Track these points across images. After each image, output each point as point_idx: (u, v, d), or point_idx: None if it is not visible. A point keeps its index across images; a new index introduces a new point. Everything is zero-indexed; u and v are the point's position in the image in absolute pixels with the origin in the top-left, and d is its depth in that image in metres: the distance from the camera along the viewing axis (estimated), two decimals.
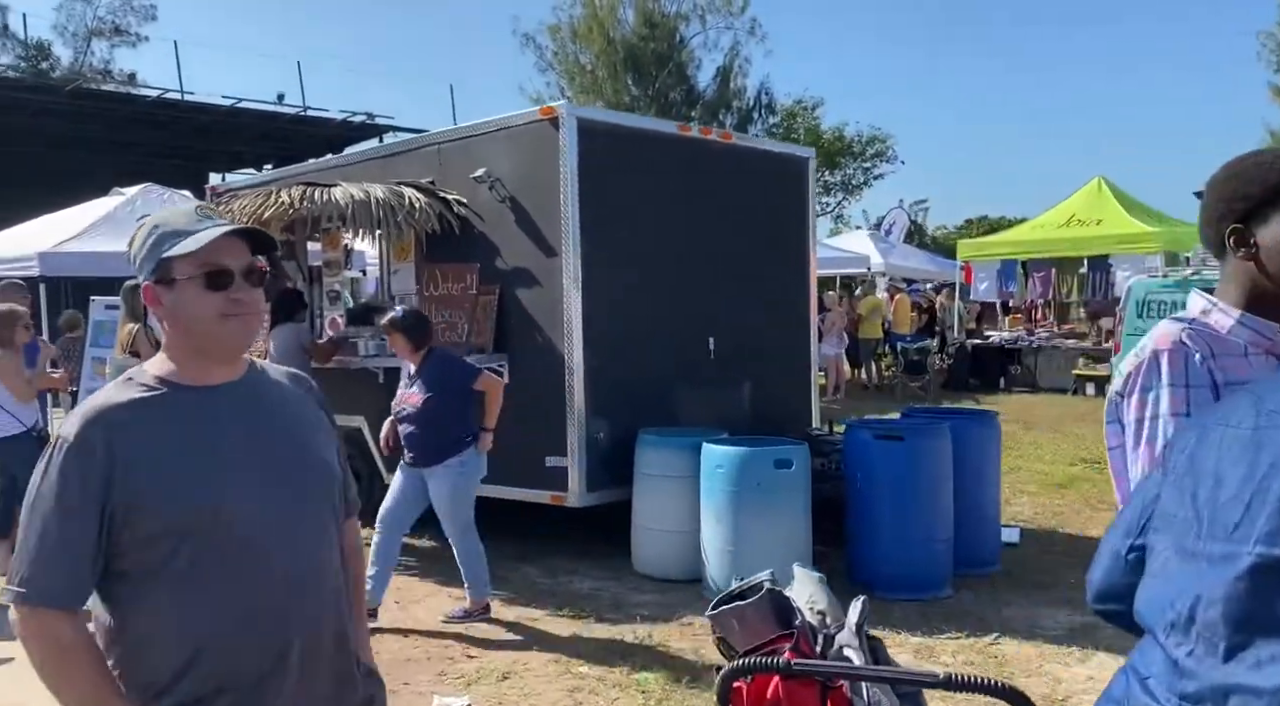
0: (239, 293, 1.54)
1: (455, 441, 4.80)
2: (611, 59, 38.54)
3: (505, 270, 6.08)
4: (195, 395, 1.56)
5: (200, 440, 1.53)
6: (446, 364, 4.93)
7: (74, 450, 1.46)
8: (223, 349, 1.57)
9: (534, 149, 5.85)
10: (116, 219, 9.96)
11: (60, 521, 1.43)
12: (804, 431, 6.45)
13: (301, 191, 5.92)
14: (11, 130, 20.24)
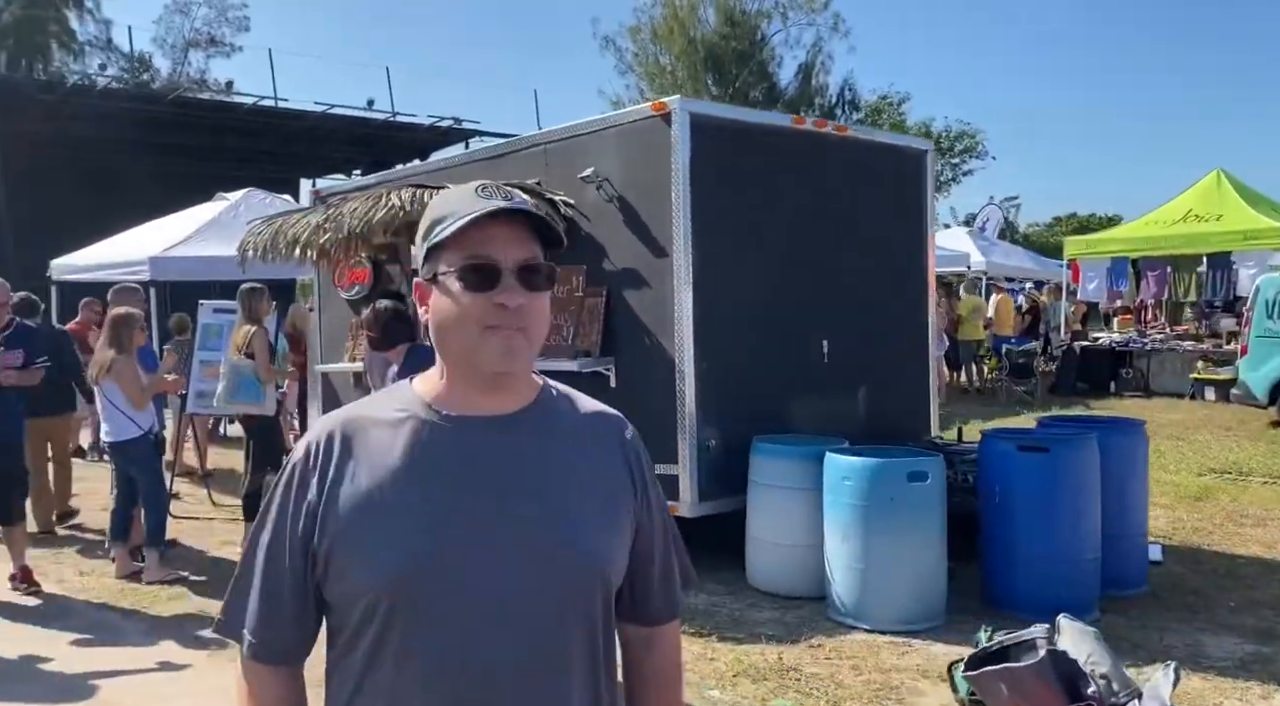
0: (505, 295, 1.19)
1: None
2: (692, 59, 38.39)
3: (613, 271, 5.89)
4: (450, 428, 1.24)
5: (431, 486, 1.20)
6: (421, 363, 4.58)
7: (294, 472, 1.24)
8: (477, 372, 1.23)
9: (645, 146, 5.64)
10: (221, 223, 10.11)
11: (276, 558, 1.24)
12: (929, 440, 6.12)
13: (411, 194, 5.82)
14: (118, 139, 20.96)
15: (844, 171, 6.23)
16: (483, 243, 1.21)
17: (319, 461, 1.23)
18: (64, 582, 5.70)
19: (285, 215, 6.86)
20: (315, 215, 6.34)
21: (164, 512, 5.82)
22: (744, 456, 5.45)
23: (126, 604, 5.24)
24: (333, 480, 1.21)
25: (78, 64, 32.40)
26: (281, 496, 1.24)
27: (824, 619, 4.81)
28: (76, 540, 6.81)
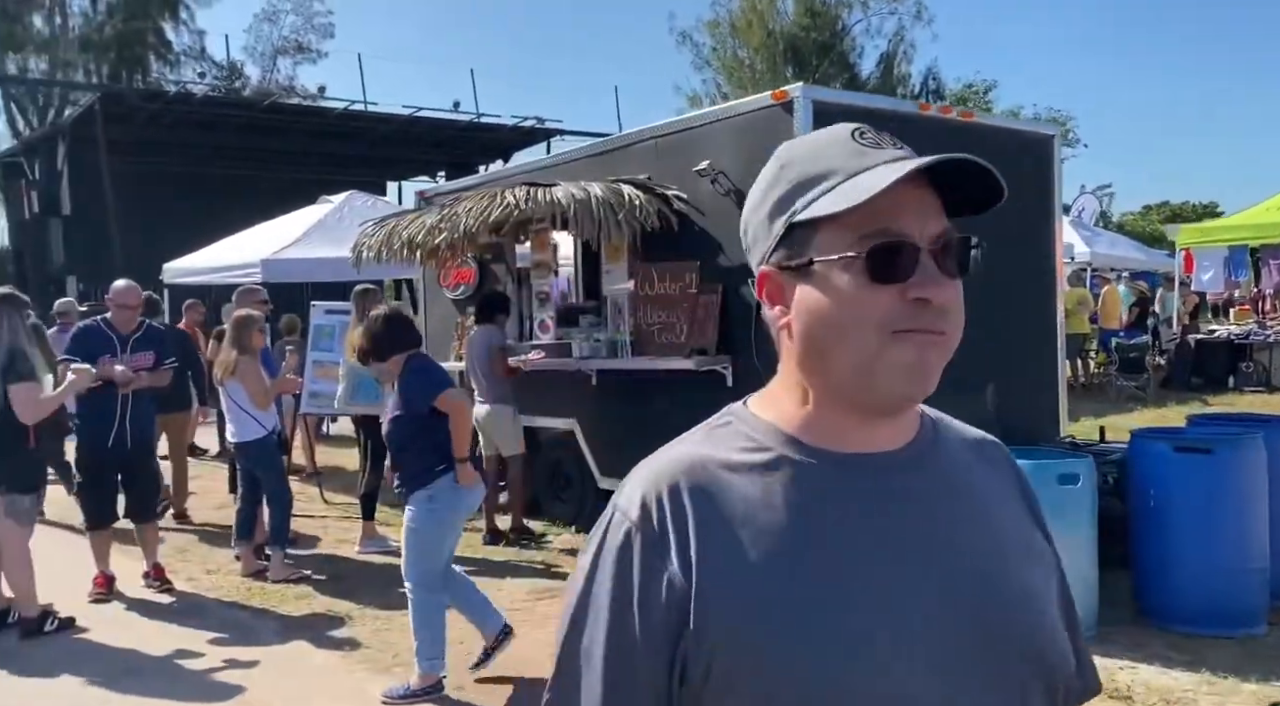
0: (926, 286, 0.87)
1: (425, 470, 4.00)
2: (771, 51, 37.97)
3: (729, 268, 5.75)
4: (838, 474, 0.90)
5: (850, 563, 0.86)
6: (416, 376, 4.10)
7: (630, 544, 0.88)
8: (871, 395, 0.89)
9: (764, 137, 5.48)
10: (327, 225, 10.28)
11: (624, 669, 0.86)
12: (1066, 440, 5.83)
13: (526, 192, 5.78)
14: (215, 145, 21.64)
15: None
16: (891, 213, 0.86)
17: (671, 528, 0.87)
18: (193, 580, 5.81)
19: (398, 216, 6.90)
20: (429, 215, 6.35)
21: (288, 511, 5.88)
22: None
23: (256, 603, 5.29)
24: (700, 555, 0.85)
25: (174, 74, 33.53)
26: (614, 580, 0.87)
27: None
28: (195, 533, 6.95)
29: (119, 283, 5.68)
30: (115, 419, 5.33)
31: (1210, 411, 9.25)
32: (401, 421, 4.03)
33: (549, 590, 5.32)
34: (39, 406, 4.70)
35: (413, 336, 4.34)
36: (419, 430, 3.99)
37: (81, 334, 5.50)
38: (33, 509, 4.76)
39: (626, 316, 6.57)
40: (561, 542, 6.49)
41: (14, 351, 4.66)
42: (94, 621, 5.06)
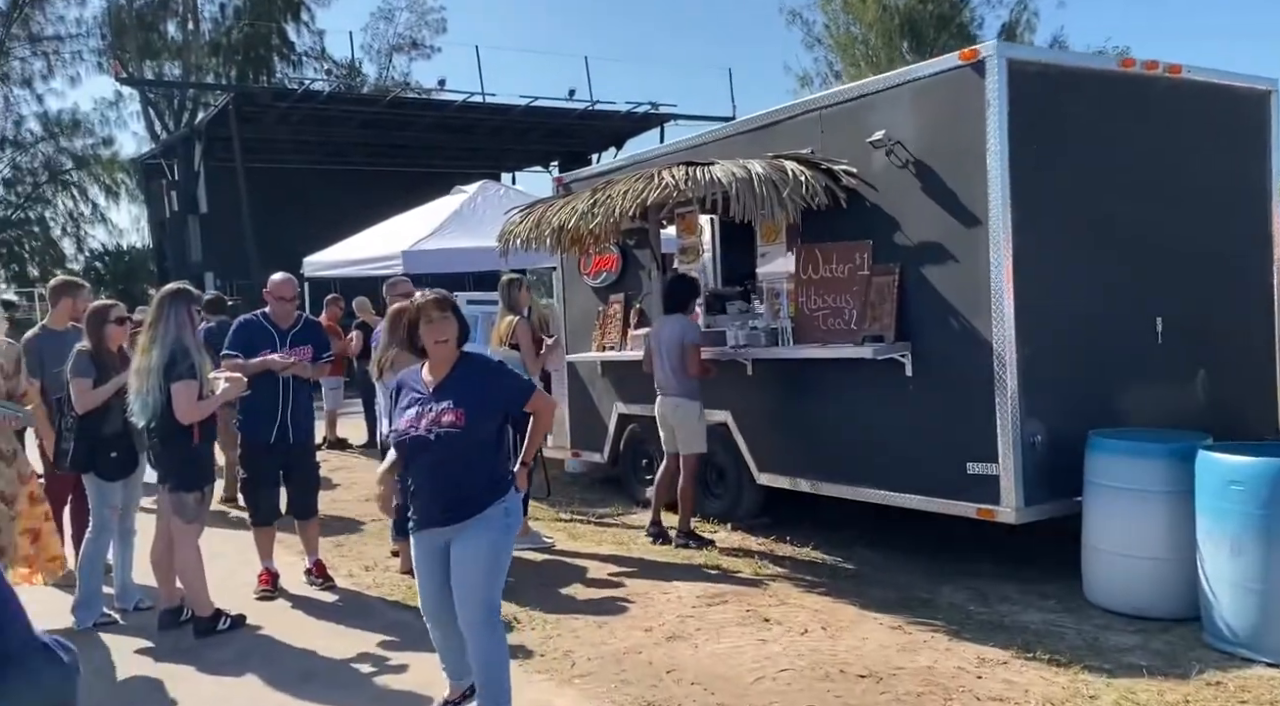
0: None
1: (500, 480, 3.37)
2: (886, 26, 36.78)
3: (907, 246, 5.30)
4: None
5: None
6: (491, 371, 3.45)
7: None
8: None
9: (950, 102, 5.02)
10: (463, 215, 10.21)
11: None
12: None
13: (685, 172, 5.45)
14: (340, 142, 22.12)
15: (1176, 120, 5.36)
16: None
17: None
18: (353, 577, 5.72)
19: (545, 202, 6.67)
20: (579, 200, 6.09)
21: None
22: (1073, 453, 4.76)
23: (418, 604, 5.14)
24: None
25: (296, 74, 34.54)
26: None
27: (1201, 647, 4.08)
28: (346, 527, 6.91)
29: (276, 275, 5.61)
30: (277, 414, 5.26)
31: None
32: (480, 422, 3.37)
33: (720, 595, 5.00)
34: (197, 407, 4.63)
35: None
36: (496, 432, 3.40)
37: (242, 327, 5.45)
38: (199, 507, 4.71)
39: (785, 301, 6.19)
40: (721, 540, 6.16)
41: (176, 349, 4.59)
42: (262, 619, 4.99)
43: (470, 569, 3.26)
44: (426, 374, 3.37)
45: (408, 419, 3.28)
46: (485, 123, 22.76)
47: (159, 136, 30.01)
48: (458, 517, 3.26)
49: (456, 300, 7.76)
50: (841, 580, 5.24)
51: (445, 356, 3.34)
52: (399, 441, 3.31)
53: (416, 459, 3.28)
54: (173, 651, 4.62)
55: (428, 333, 3.31)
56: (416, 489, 3.32)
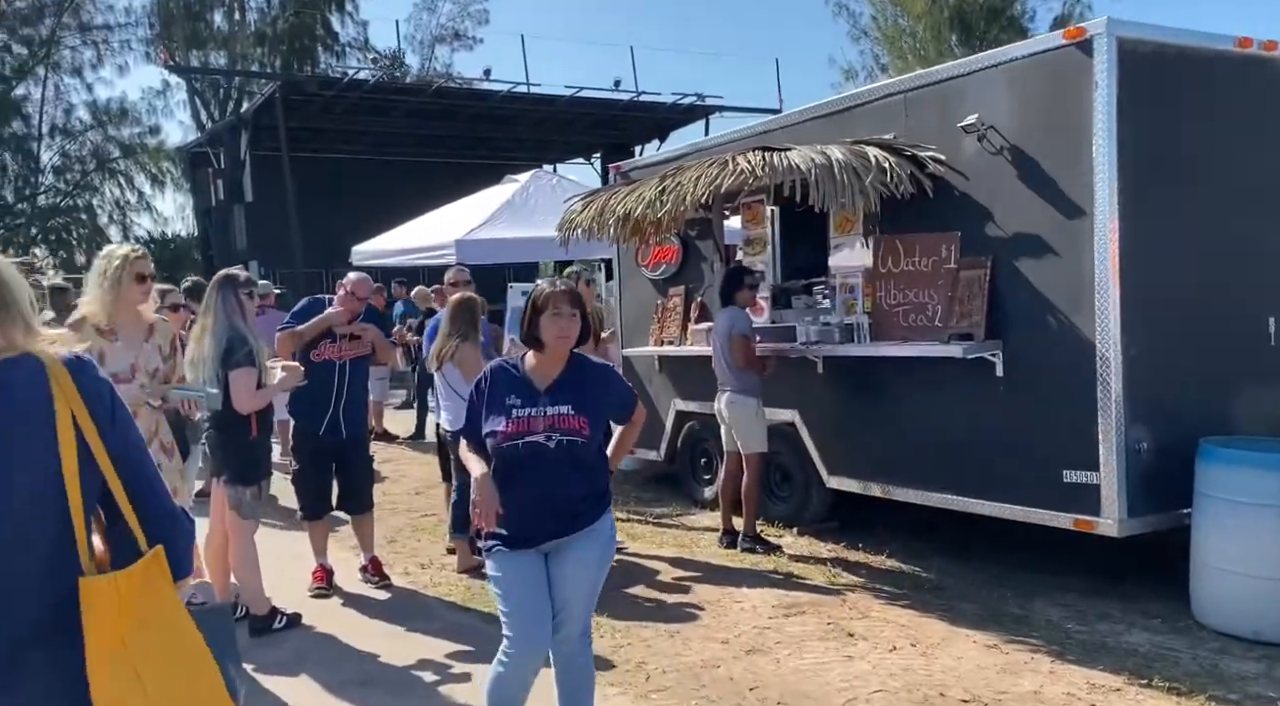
0: None
1: (607, 490, 3.07)
2: (935, 19, 36.14)
3: (1000, 238, 4.98)
4: None
5: None
6: (605, 375, 3.13)
7: None
8: None
9: (1051, 83, 4.69)
10: (515, 205, 10.00)
11: None
12: None
13: (761, 158, 5.17)
14: (384, 132, 22.04)
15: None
16: None
17: None
18: (409, 575, 5.52)
19: (609, 190, 6.42)
20: (646, 188, 5.83)
21: None
22: (1180, 462, 4.43)
23: (480, 606, 4.92)
24: None
25: (339, 64, 34.60)
26: None
27: None
28: (399, 521, 6.72)
29: (353, 274, 5.43)
30: (330, 405, 5.07)
31: None
32: (596, 429, 3.06)
33: (796, 606, 4.73)
34: (256, 396, 4.44)
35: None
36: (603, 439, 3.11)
37: (312, 305, 5.25)
38: (256, 502, 4.52)
39: (860, 296, 5.88)
40: (787, 546, 5.88)
41: (232, 336, 4.40)
42: (317, 617, 4.80)
43: (578, 584, 2.95)
44: (532, 370, 2.97)
45: (517, 421, 2.87)
46: (529, 114, 22.55)
47: (204, 126, 30.16)
48: (570, 529, 2.92)
49: (511, 290, 7.55)
50: (924, 593, 4.94)
51: (562, 355, 2.98)
52: (508, 446, 2.85)
53: (527, 466, 2.86)
54: None
55: (553, 327, 2.90)
56: (519, 498, 2.86)
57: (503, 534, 2.92)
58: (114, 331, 3.88)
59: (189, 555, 1.58)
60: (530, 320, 2.97)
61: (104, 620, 1.35)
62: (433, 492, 8.04)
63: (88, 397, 1.45)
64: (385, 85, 21.99)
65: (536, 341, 2.96)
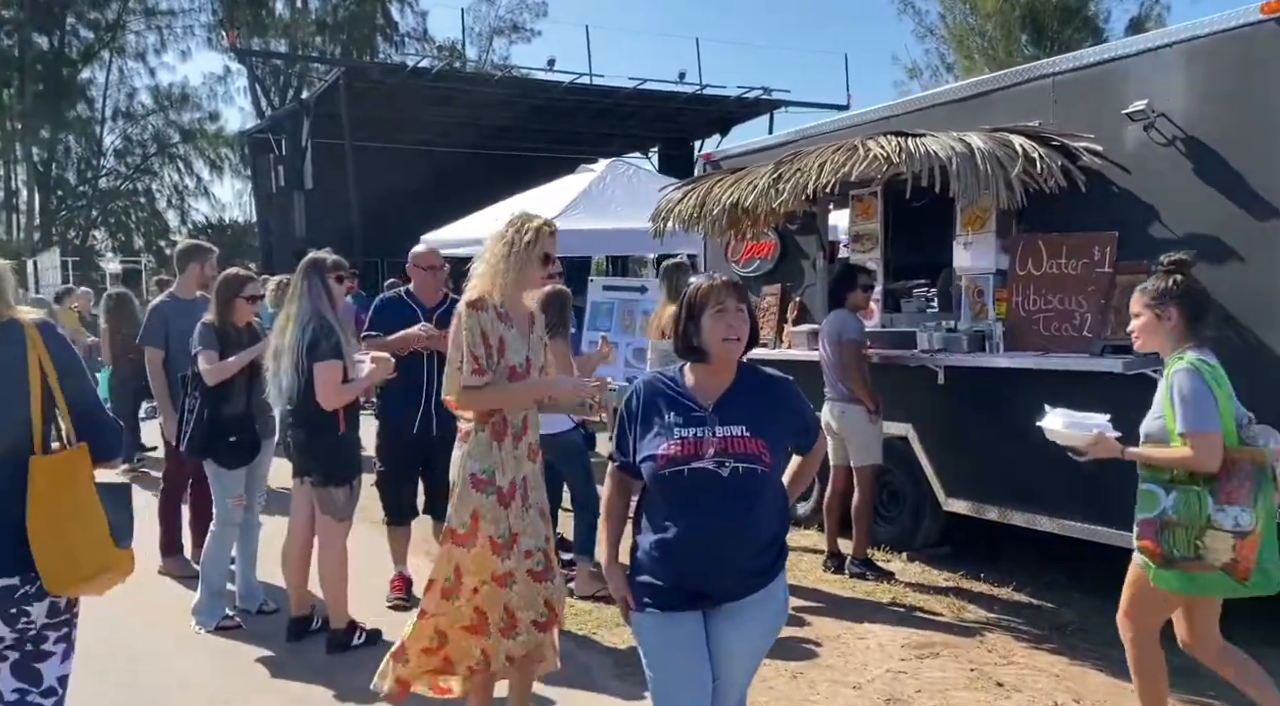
0: None
1: (784, 536, 2.52)
2: (1006, 17, 35.17)
3: (1168, 240, 4.41)
4: None
5: None
6: (785, 391, 2.56)
7: None
8: None
9: (1240, 65, 4.13)
10: (591, 196, 9.55)
11: None
12: None
13: (897, 144, 4.66)
14: (446, 122, 21.78)
15: None
16: None
17: None
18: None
19: (711, 178, 5.95)
20: (755, 175, 5.34)
21: (597, 518, 5.07)
22: None
23: (571, 626, 4.50)
24: None
25: (398, 54, 34.54)
26: None
27: None
28: None
29: (418, 247, 5.03)
30: (420, 403, 4.67)
31: None
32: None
33: (928, 645, 4.23)
34: (342, 391, 4.04)
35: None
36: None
37: (385, 306, 4.88)
38: (348, 503, 4.13)
39: (991, 301, 5.35)
40: (898, 572, 5.37)
41: (318, 326, 4.01)
42: (397, 632, 4.38)
43: (745, 661, 2.44)
44: (694, 383, 2.46)
45: (681, 442, 2.34)
46: (590, 106, 22.15)
47: (264, 112, 30.23)
48: (748, 590, 2.36)
49: (592, 284, 7.12)
50: (1069, 635, 4.41)
51: (730, 363, 2.45)
52: (670, 472, 2.33)
53: (697, 500, 2.32)
54: (304, 668, 4.06)
55: (718, 327, 2.38)
56: (684, 544, 2.33)
57: (654, 584, 2.39)
58: (509, 317, 3.17)
59: (111, 447, 2.27)
60: (685, 325, 2.45)
61: (39, 484, 2.10)
62: None
63: (50, 350, 2.18)
64: (449, 74, 21.69)
65: (697, 351, 2.44)
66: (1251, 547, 2.82)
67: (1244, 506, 2.84)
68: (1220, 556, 2.83)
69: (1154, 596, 3.06)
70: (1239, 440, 2.95)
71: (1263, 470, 2.89)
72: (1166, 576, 2.94)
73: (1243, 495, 2.86)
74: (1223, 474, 2.87)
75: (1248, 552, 2.82)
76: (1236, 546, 2.82)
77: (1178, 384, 2.97)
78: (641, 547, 2.45)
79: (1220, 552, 2.83)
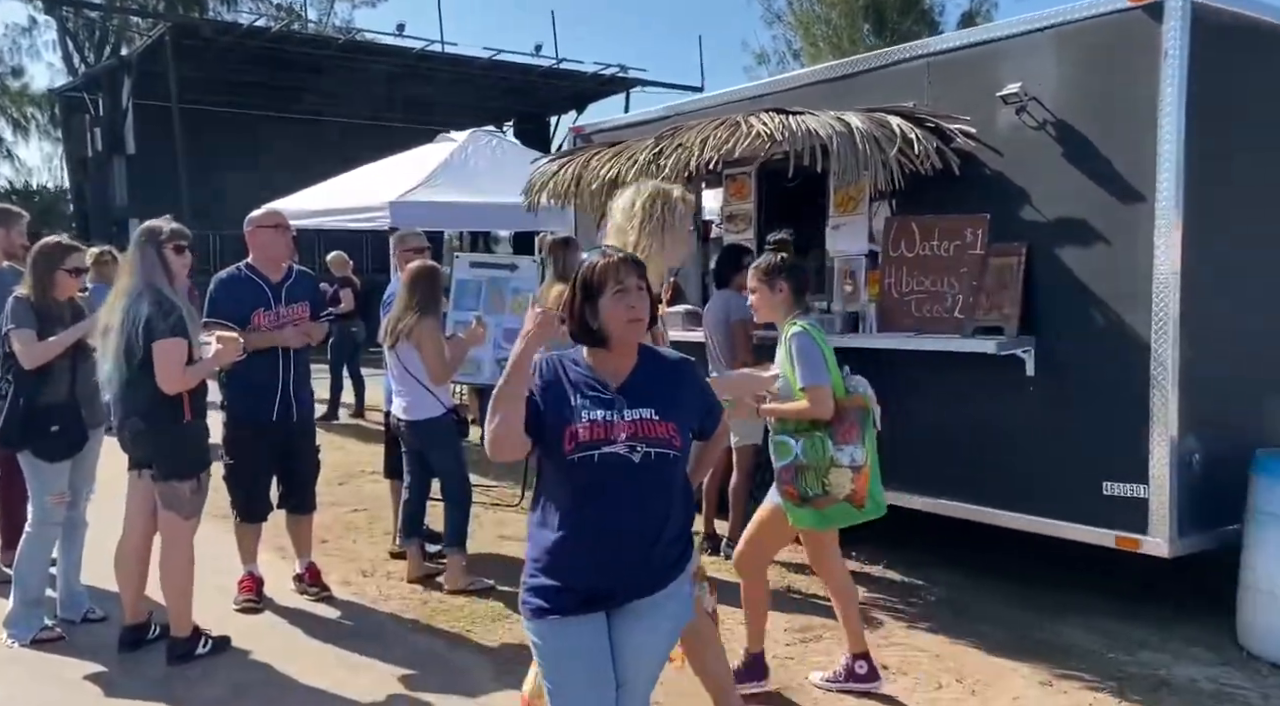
0: None
1: (690, 526, 2.35)
2: (850, 6, 36.30)
3: (1039, 222, 4.52)
4: None
5: None
6: (687, 372, 2.40)
7: None
8: None
9: (1110, 51, 4.23)
10: (453, 166, 9.09)
11: None
12: None
13: (779, 121, 4.56)
14: (285, 86, 20.52)
15: None
16: None
17: None
18: (351, 585, 4.76)
19: (588, 151, 5.70)
20: (637, 150, 5.15)
21: (469, 506, 4.80)
22: (1230, 476, 4.07)
23: (442, 623, 4.23)
24: None
25: (230, 14, 32.39)
26: None
27: None
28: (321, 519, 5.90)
29: (256, 211, 4.58)
30: (278, 388, 4.25)
31: None
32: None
33: (810, 629, 4.22)
34: (187, 373, 3.62)
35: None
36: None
37: (225, 286, 4.36)
38: (196, 498, 3.71)
39: (864, 282, 5.37)
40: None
41: (156, 301, 3.58)
42: (251, 640, 4.01)
43: (651, 659, 2.26)
44: (595, 364, 2.27)
45: (590, 425, 2.15)
46: (441, 74, 21.44)
47: (76, 69, 27.70)
48: (659, 583, 2.19)
49: (458, 260, 6.75)
50: (944, 613, 4.47)
51: (633, 343, 2.27)
52: (579, 458, 2.12)
53: (605, 488, 2.13)
54: (141, 683, 3.62)
55: (619, 308, 2.19)
56: (592, 536, 2.15)
57: (554, 587, 2.18)
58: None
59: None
60: (581, 307, 2.23)
61: None
62: (357, 483, 7.25)
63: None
64: (288, 35, 20.41)
65: (594, 334, 2.23)
66: (865, 479, 3.35)
67: (856, 444, 3.34)
68: (843, 490, 3.32)
69: (779, 536, 3.55)
70: (845, 390, 3.42)
71: (866, 413, 3.40)
72: (802, 514, 3.37)
73: (854, 435, 3.34)
74: (836, 419, 3.33)
75: (863, 483, 3.35)
76: (854, 479, 3.32)
77: (795, 346, 3.37)
78: (540, 546, 2.22)
79: (843, 486, 3.32)
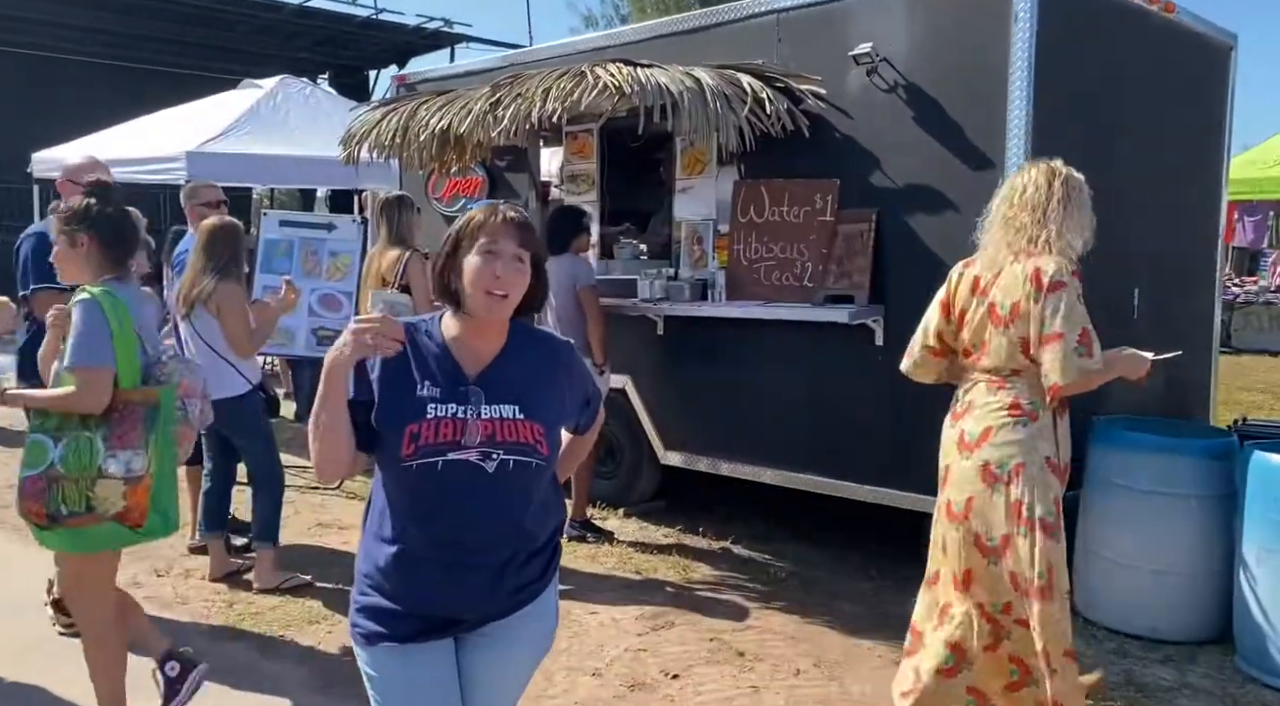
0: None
1: (558, 544, 1.99)
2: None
3: (889, 189, 4.41)
4: None
5: None
6: (564, 357, 1.98)
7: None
8: None
9: (962, 14, 4.13)
10: (262, 116, 8.18)
11: None
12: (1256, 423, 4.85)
13: (629, 72, 4.21)
14: (70, 25, 18.36)
15: (1158, 68, 4.81)
16: None
17: None
18: (140, 586, 4.13)
19: (412, 100, 5.16)
20: (471, 99, 4.68)
21: (281, 493, 4.26)
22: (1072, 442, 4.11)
23: (252, 627, 3.72)
24: None
25: None
26: None
27: (1248, 681, 3.54)
28: None
29: (73, 159, 3.86)
30: None
31: None
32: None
33: (662, 615, 3.96)
34: None
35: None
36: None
37: (44, 245, 3.54)
38: None
39: (712, 248, 5.15)
40: (616, 530, 5.10)
41: None
42: (8, 665, 3.37)
43: (504, 694, 1.93)
44: (454, 337, 1.84)
45: (437, 423, 1.74)
46: (249, 20, 19.74)
47: None
48: (511, 607, 1.85)
49: (266, 218, 6.08)
50: (795, 590, 4.34)
51: (501, 321, 1.85)
52: (419, 465, 1.73)
53: (449, 500, 1.76)
54: None
55: (482, 272, 1.76)
56: (432, 554, 1.77)
57: (390, 609, 1.80)
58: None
59: None
60: (444, 261, 1.82)
61: None
62: None
63: None
64: None
65: (451, 295, 1.82)
66: (144, 493, 2.64)
67: (136, 450, 2.64)
68: (112, 506, 2.61)
69: (96, 568, 2.80)
70: (145, 379, 2.73)
71: (156, 410, 2.69)
72: (50, 536, 2.68)
73: (134, 438, 2.65)
74: (115, 416, 2.63)
75: (140, 498, 2.63)
76: (127, 493, 2.61)
77: (75, 317, 2.64)
78: (372, 561, 1.83)
79: (112, 502, 2.61)
